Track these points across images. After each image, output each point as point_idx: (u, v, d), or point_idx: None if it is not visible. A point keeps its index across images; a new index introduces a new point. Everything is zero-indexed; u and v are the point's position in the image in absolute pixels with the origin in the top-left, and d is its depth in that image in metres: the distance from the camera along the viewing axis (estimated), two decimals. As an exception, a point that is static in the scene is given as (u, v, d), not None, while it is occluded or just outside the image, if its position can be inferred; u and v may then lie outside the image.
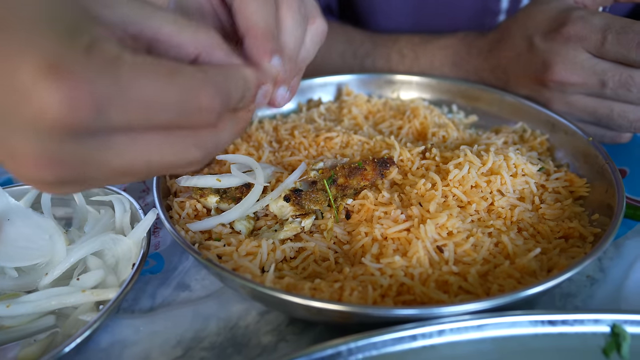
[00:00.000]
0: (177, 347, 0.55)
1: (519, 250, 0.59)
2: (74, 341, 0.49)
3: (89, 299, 0.56)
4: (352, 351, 0.45)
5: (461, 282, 0.55)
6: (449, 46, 0.94)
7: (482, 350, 0.47)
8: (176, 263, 0.67)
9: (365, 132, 0.82)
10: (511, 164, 0.68)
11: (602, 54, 0.72)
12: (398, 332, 0.46)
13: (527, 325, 0.48)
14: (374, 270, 0.56)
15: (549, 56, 0.77)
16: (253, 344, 0.56)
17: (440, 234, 0.59)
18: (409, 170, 0.71)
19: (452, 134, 0.81)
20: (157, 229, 0.72)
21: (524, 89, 0.84)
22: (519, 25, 0.83)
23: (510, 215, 0.64)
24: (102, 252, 0.61)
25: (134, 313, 0.60)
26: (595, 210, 0.66)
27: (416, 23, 1.10)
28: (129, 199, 0.65)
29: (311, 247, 0.61)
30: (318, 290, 0.54)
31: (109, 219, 0.65)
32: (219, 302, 0.61)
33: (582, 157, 0.75)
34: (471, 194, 0.65)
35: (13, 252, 0.60)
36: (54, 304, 0.56)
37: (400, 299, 0.54)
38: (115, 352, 0.55)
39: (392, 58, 0.99)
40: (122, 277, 0.59)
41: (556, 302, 0.61)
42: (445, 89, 0.93)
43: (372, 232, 0.60)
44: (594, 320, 0.48)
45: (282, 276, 0.58)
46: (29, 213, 0.64)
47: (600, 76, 0.73)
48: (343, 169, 0.67)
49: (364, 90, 0.96)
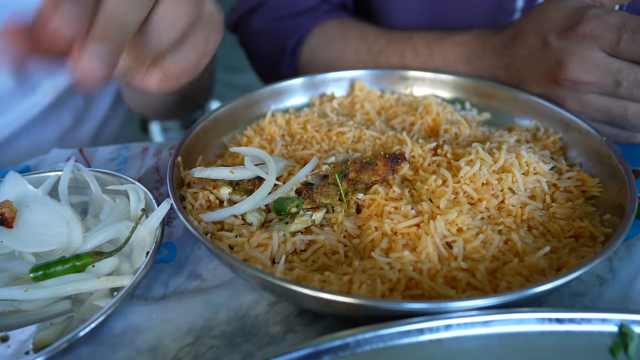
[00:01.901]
0: (188, 335, 0.57)
1: (528, 248, 0.59)
2: (89, 326, 0.50)
3: (104, 286, 0.57)
4: (360, 343, 0.46)
5: (469, 278, 0.56)
6: (463, 43, 0.94)
7: (488, 346, 0.47)
8: (188, 252, 0.68)
9: (377, 128, 0.82)
10: (523, 162, 0.68)
11: (617, 53, 0.71)
12: (405, 326, 0.46)
13: (534, 323, 0.48)
14: (383, 265, 0.57)
15: (563, 55, 0.76)
16: (262, 334, 0.57)
17: (449, 230, 0.59)
18: (420, 167, 0.71)
19: (465, 131, 0.81)
20: (170, 218, 0.74)
21: (537, 87, 0.83)
22: (534, 23, 0.82)
23: (521, 213, 0.64)
24: (117, 240, 0.62)
25: (147, 300, 0.61)
26: (606, 210, 0.66)
27: (430, 21, 1.09)
28: (143, 188, 0.66)
29: (321, 240, 0.62)
30: (327, 283, 0.55)
31: (124, 208, 0.66)
32: (229, 291, 0.62)
33: (595, 157, 0.74)
34: (482, 191, 0.65)
35: (31, 238, 0.62)
36: (70, 289, 0.57)
37: (408, 293, 0.55)
38: (128, 337, 0.56)
39: (406, 55, 0.99)
40: (136, 264, 0.60)
41: (565, 300, 0.61)
42: (458, 86, 0.93)
43: (382, 227, 0.61)
44: (602, 319, 0.48)
45: (292, 268, 0.58)
46: (47, 200, 0.66)
47: (615, 75, 0.72)
48: (354, 163, 0.68)
49: (376, 85, 0.96)
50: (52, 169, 0.71)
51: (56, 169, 0.71)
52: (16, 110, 1.02)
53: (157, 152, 0.88)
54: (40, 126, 1.08)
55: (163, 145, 0.90)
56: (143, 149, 0.89)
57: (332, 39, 1.08)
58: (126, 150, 0.89)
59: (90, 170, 0.70)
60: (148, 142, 0.92)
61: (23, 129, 1.04)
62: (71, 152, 0.87)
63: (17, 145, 1.05)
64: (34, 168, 0.84)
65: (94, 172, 0.70)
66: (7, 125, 1.01)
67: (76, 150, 0.88)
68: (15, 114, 1.02)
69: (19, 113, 1.02)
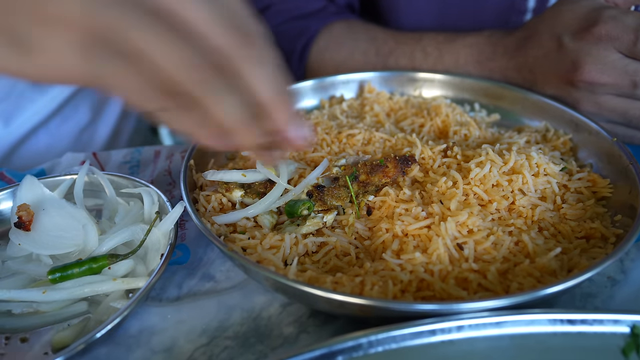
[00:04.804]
0: (203, 336, 0.57)
1: (539, 249, 0.60)
2: (106, 327, 0.51)
3: (120, 287, 0.58)
4: (372, 344, 0.46)
5: (481, 279, 0.56)
6: (474, 44, 0.94)
7: (499, 347, 0.47)
8: (201, 254, 0.69)
9: (386, 130, 0.83)
10: (533, 163, 0.69)
11: (634, 54, 0.71)
12: (417, 327, 0.47)
13: (545, 324, 0.48)
14: (395, 266, 0.57)
15: (579, 56, 0.76)
16: (275, 335, 0.58)
17: (460, 232, 0.60)
18: (430, 168, 0.72)
19: (474, 132, 0.81)
20: (183, 221, 0.75)
21: (552, 88, 0.83)
22: (547, 24, 0.82)
23: (532, 215, 0.65)
24: (132, 242, 0.64)
25: (162, 301, 0.62)
26: (618, 211, 0.66)
27: (440, 21, 1.09)
28: (156, 191, 0.67)
29: (333, 242, 0.62)
30: (339, 284, 0.55)
31: (138, 211, 0.67)
32: (242, 293, 0.62)
33: (605, 158, 0.74)
34: (492, 192, 0.65)
35: (48, 241, 0.63)
36: (87, 291, 0.58)
37: (419, 294, 0.55)
38: (144, 338, 0.57)
39: (415, 56, 0.99)
40: (150, 266, 0.61)
41: (576, 301, 0.61)
42: (467, 87, 0.93)
43: (392, 229, 0.61)
44: (614, 320, 0.48)
45: (304, 269, 0.59)
46: (63, 203, 0.67)
47: (633, 77, 0.72)
48: (365, 165, 0.68)
49: (386, 87, 0.96)
50: (67, 173, 0.72)
51: (71, 172, 0.72)
52: (35, 104, 1.04)
53: (169, 155, 0.89)
54: (58, 121, 1.10)
55: (175, 148, 0.92)
56: (155, 152, 0.90)
57: (340, 41, 1.08)
58: (139, 153, 0.90)
59: (104, 173, 0.71)
60: (160, 146, 0.93)
61: (42, 123, 1.07)
62: (85, 156, 0.88)
63: (37, 140, 1.08)
64: (48, 171, 0.86)
65: (108, 176, 0.71)
66: (28, 120, 1.04)
67: (90, 154, 0.89)
68: (34, 109, 1.04)
69: (39, 107, 1.05)
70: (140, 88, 0.42)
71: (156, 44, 0.40)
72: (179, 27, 0.41)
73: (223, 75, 0.42)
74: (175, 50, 0.40)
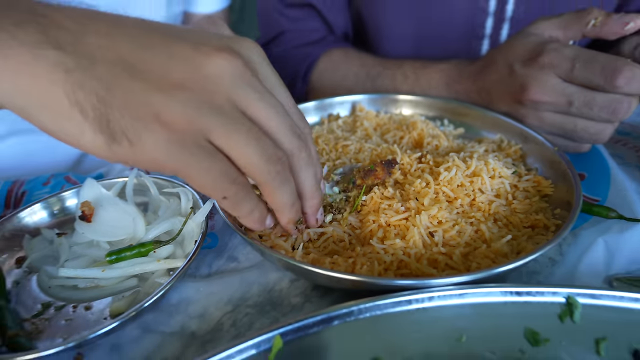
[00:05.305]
0: (228, 305, 0.59)
1: (494, 236, 0.61)
2: (152, 298, 0.52)
3: (163, 267, 0.59)
4: (362, 311, 0.47)
5: (447, 260, 0.57)
6: (444, 70, 0.95)
7: (462, 314, 0.48)
8: (227, 241, 0.70)
9: (374, 141, 0.84)
10: (490, 167, 0.69)
11: (570, 79, 0.72)
12: (397, 297, 0.48)
13: (498, 295, 0.49)
14: (379, 250, 0.58)
15: (526, 80, 0.77)
16: (285, 304, 0.59)
17: (431, 223, 0.61)
18: (408, 172, 0.72)
19: (443, 143, 0.82)
20: (212, 214, 0.76)
21: (504, 106, 0.84)
22: (502, 54, 0.83)
23: (488, 209, 0.65)
24: (172, 231, 0.65)
25: (196, 278, 0.63)
26: (557, 206, 0.67)
27: (416, 46, 1.11)
28: (191, 191, 0.69)
29: (330, 232, 0.63)
30: (336, 264, 0.56)
31: (177, 206, 0.69)
32: (260, 271, 0.63)
33: (548, 163, 0.75)
34: (457, 191, 0.66)
35: (105, 230, 0.64)
36: (137, 269, 0.59)
37: (399, 272, 0.56)
38: (182, 307, 0.59)
39: (397, 78, 1.00)
40: (187, 250, 0.62)
41: (523, 277, 0.62)
42: (438, 106, 0.94)
43: (378, 220, 0.62)
44: (552, 292, 0.49)
45: (308, 252, 0.60)
46: (116, 201, 0.68)
47: (568, 97, 0.73)
48: (359, 171, 0.69)
49: (373, 107, 0.97)
50: (119, 176, 0.74)
51: (123, 176, 0.74)
52: None
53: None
54: None
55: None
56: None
57: (337, 65, 1.09)
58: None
59: (149, 176, 0.72)
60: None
61: None
62: (133, 162, 0.89)
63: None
64: (105, 175, 0.87)
65: (152, 178, 0.72)
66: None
67: (137, 161, 0.90)
68: None
69: None
70: (217, 179, 0.40)
71: (241, 140, 0.39)
72: (260, 129, 0.42)
73: (287, 169, 0.46)
74: (259, 147, 0.41)
